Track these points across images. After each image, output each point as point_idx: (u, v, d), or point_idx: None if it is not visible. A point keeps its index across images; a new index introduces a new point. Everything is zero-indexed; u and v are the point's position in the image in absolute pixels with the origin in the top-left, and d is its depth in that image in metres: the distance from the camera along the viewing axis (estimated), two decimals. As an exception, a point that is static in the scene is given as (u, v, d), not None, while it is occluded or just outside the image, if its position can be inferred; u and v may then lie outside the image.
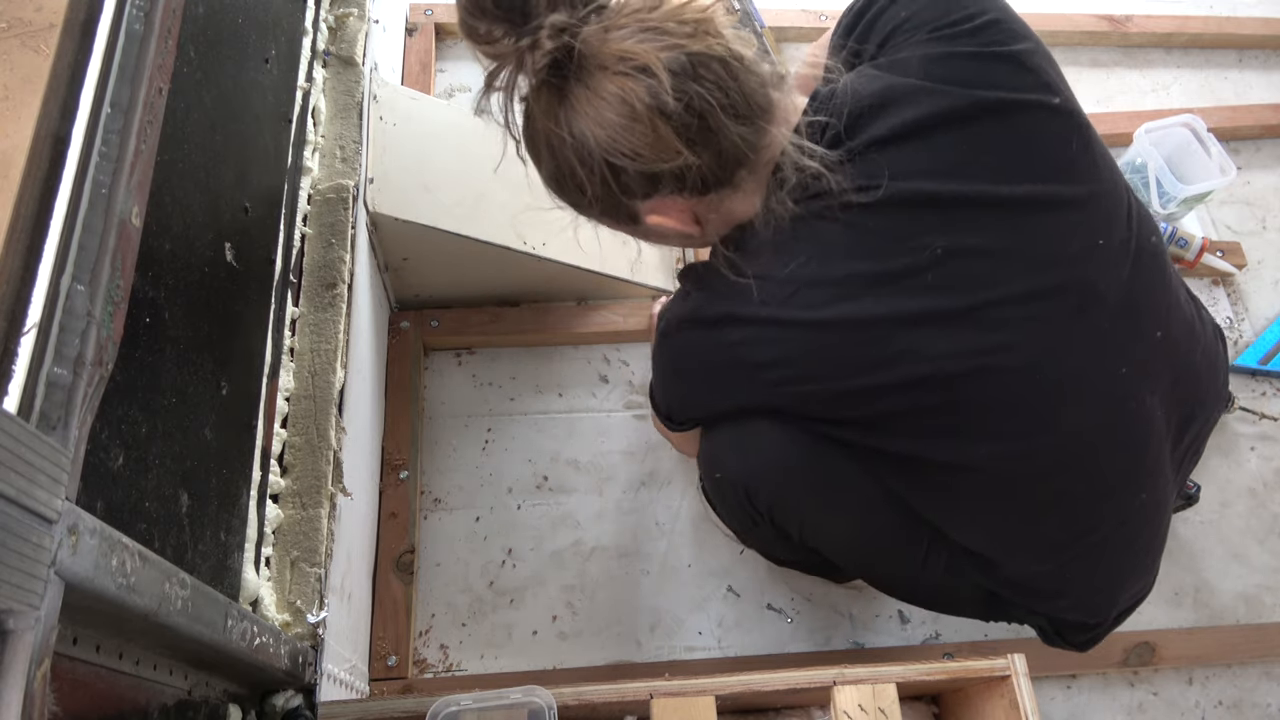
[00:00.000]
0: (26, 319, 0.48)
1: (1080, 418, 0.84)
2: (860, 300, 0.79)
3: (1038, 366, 0.81)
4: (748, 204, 0.85)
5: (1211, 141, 1.56)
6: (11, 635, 0.41)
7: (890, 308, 0.78)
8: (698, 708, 0.92)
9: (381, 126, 1.23)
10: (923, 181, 0.79)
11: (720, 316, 0.84)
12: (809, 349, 0.81)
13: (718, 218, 0.87)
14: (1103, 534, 0.89)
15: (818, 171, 0.80)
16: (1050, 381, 0.82)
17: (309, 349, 0.99)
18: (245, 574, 0.82)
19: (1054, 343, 0.81)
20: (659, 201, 0.83)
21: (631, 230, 0.90)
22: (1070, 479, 0.86)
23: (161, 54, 0.61)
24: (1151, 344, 0.87)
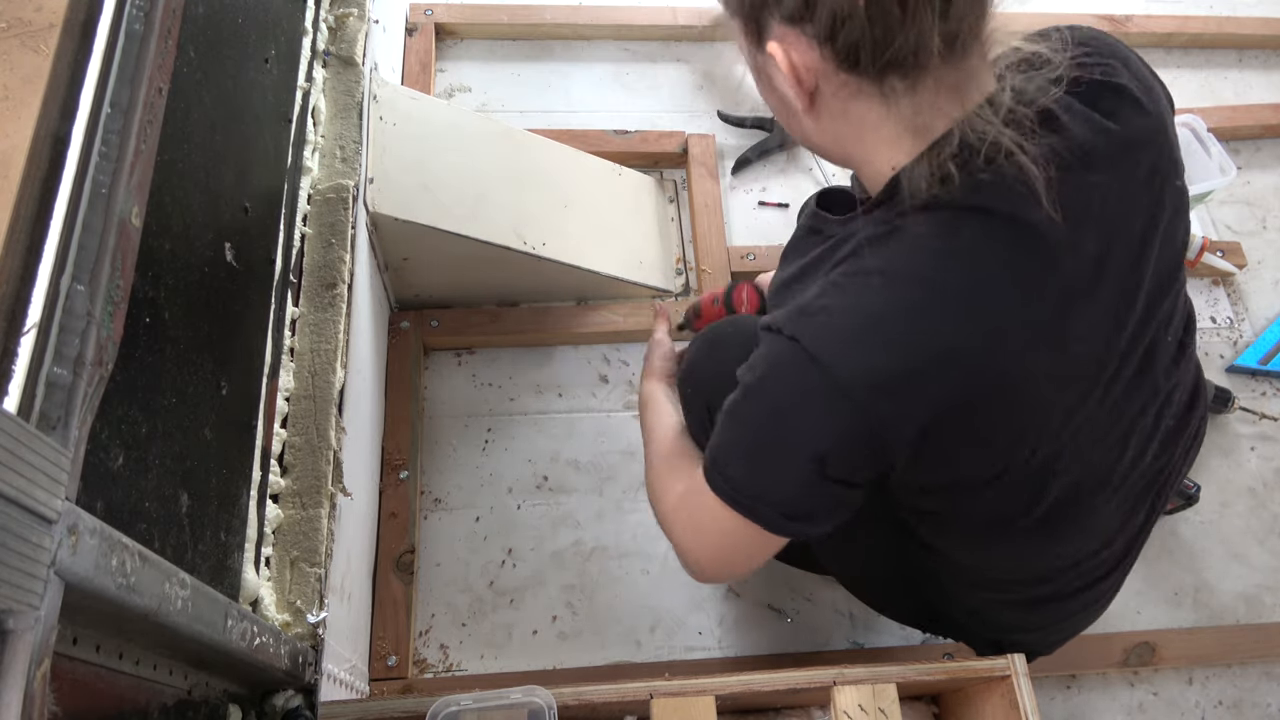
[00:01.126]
0: (26, 319, 0.48)
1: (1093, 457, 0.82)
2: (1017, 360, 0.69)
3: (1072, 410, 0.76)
4: (882, 141, 0.70)
5: (1211, 141, 1.56)
6: (11, 635, 0.41)
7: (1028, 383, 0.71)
8: (698, 708, 0.92)
9: (381, 126, 1.23)
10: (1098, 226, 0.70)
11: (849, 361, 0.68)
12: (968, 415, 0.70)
13: (837, 114, 0.70)
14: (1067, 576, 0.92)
15: (1008, 150, 0.66)
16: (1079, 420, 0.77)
17: (309, 349, 0.99)
18: (245, 574, 0.82)
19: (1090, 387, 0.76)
20: (797, 34, 0.66)
21: (750, 51, 0.73)
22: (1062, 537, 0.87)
23: (161, 54, 0.61)
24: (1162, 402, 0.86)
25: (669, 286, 1.49)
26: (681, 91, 1.70)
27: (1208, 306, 1.59)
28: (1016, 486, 0.79)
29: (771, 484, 0.75)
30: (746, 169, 1.63)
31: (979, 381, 0.68)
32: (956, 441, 0.73)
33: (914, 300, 0.68)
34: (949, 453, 0.74)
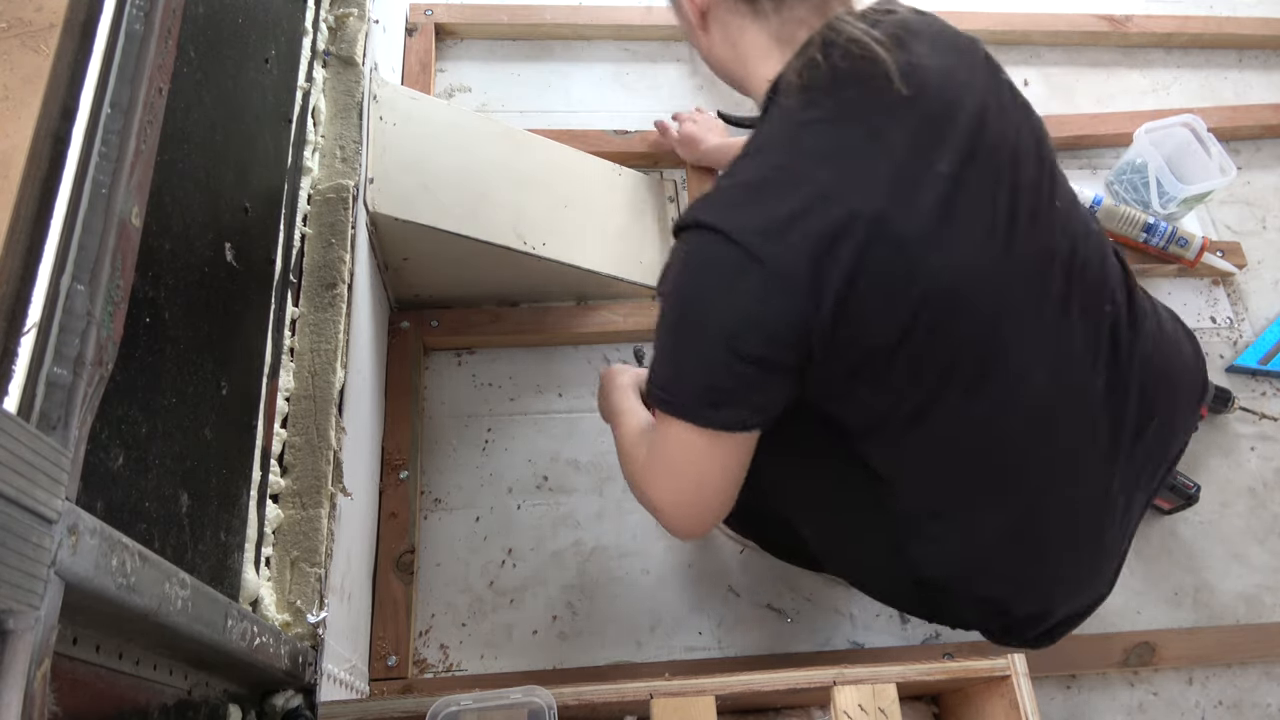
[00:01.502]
0: (26, 319, 0.48)
1: (1035, 376, 0.84)
2: (886, 199, 0.76)
3: (998, 318, 0.81)
4: (759, 55, 0.84)
5: (1211, 141, 1.56)
6: (11, 635, 0.41)
7: (912, 219, 0.76)
8: (698, 708, 0.92)
9: (381, 126, 1.23)
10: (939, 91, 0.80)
11: (750, 223, 0.76)
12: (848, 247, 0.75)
13: (723, 31, 0.85)
14: (1038, 524, 0.90)
15: (866, 47, 0.78)
16: (1011, 336, 0.82)
17: (309, 349, 0.99)
18: (245, 574, 0.82)
19: (1022, 303, 0.81)
20: None
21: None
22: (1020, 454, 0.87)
23: (161, 54, 0.61)
24: (1102, 322, 0.87)
25: (669, 286, 1.49)
26: (681, 91, 1.70)
27: (1208, 306, 1.59)
28: (928, 360, 0.81)
29: (690, 372, 0.82)
30: None
31: (854, 221, 0.75)
32: (853, 291, 0.76)
33: (784, 161, 0.79)
34: (852, 313, 0.77)
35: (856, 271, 0.75)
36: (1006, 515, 0.90)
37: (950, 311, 0.79)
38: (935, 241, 0.77)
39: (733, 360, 0.79)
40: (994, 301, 0.80)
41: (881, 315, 0.78)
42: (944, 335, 0.79)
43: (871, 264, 0.75)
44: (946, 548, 0.93)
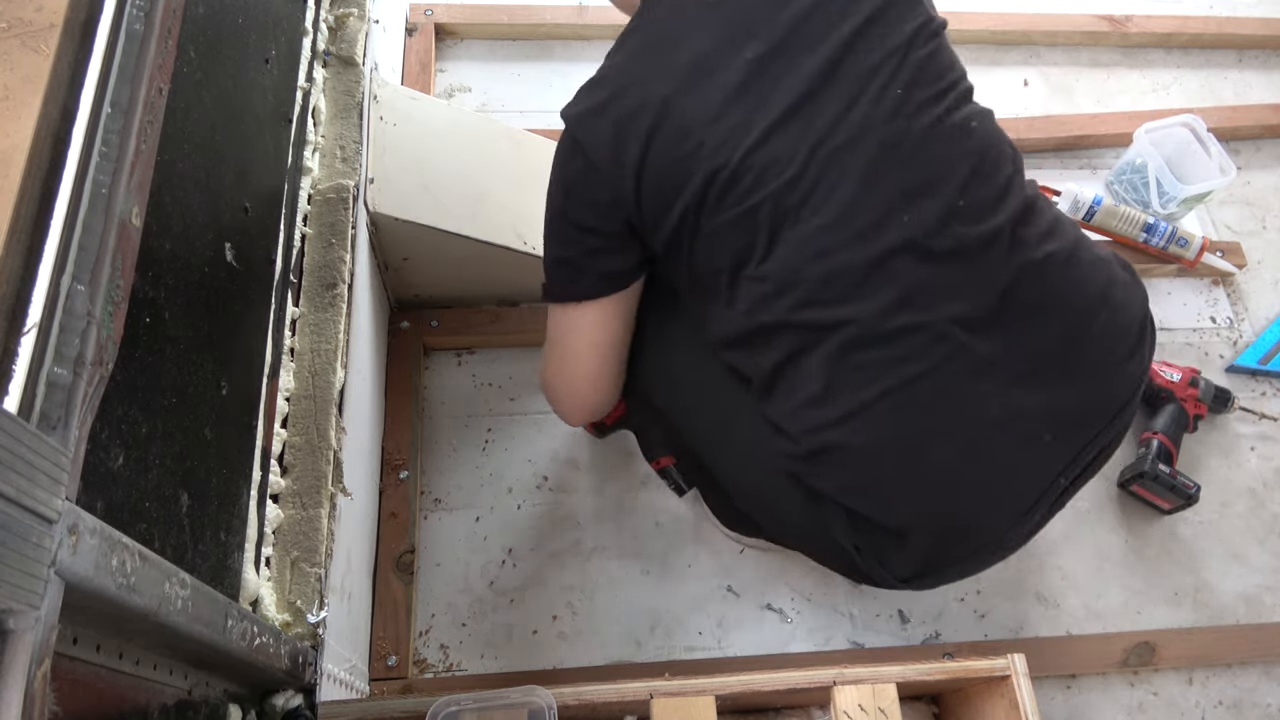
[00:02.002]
0: (26, 319, 0.48)
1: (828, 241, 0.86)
2: (679, 84, 0.86)
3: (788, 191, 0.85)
4: None
5: (1211, 141, 1.56)
6: (11, 635, 0.41)
7: (703, 98, 0.85)
8: (698, 708, 0.92)
9: (381, 126, 1.23)
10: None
11: (583, 110, 0.89)
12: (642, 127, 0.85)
13: None
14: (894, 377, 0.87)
15: None
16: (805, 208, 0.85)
17: (309, 349, 0.99)
18: (245, 574, 0.82)
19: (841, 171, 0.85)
20: None
21: None
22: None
23: (161, 54, 0.61)
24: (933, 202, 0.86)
25: (669, 286, 1.49)
26: (681, 91, 1.70)
27: (1207, 306, 1.59)
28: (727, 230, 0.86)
29: (551, 250, 0.97)
30: None
31: (647, 104, 0.85)
32: (647, 166, 0.86)
33: (617, 56, 0.92)
34: (650, 187, 0.87)
35: (648, 148, 0.85)
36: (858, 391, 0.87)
37: (735, 183, 0.84)
38: (723, 120, 0.84)
39: (571, 231, 0.93)
40: (783, 174, 0.84)
41: (675, 189, 0.86)
42: (733, 207, 0.85)
43: (660, 141, 0.85)
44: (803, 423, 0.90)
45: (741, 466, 1.03)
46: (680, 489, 1.31)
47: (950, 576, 0.99)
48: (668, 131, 0.85)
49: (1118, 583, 1.33)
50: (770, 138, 0.84)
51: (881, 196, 0.85)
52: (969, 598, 1.31)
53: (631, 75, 0.89)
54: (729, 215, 0.85)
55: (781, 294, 0.86)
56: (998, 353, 0.87)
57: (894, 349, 0.86)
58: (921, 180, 0.86)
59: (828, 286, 0.85)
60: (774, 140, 0.84)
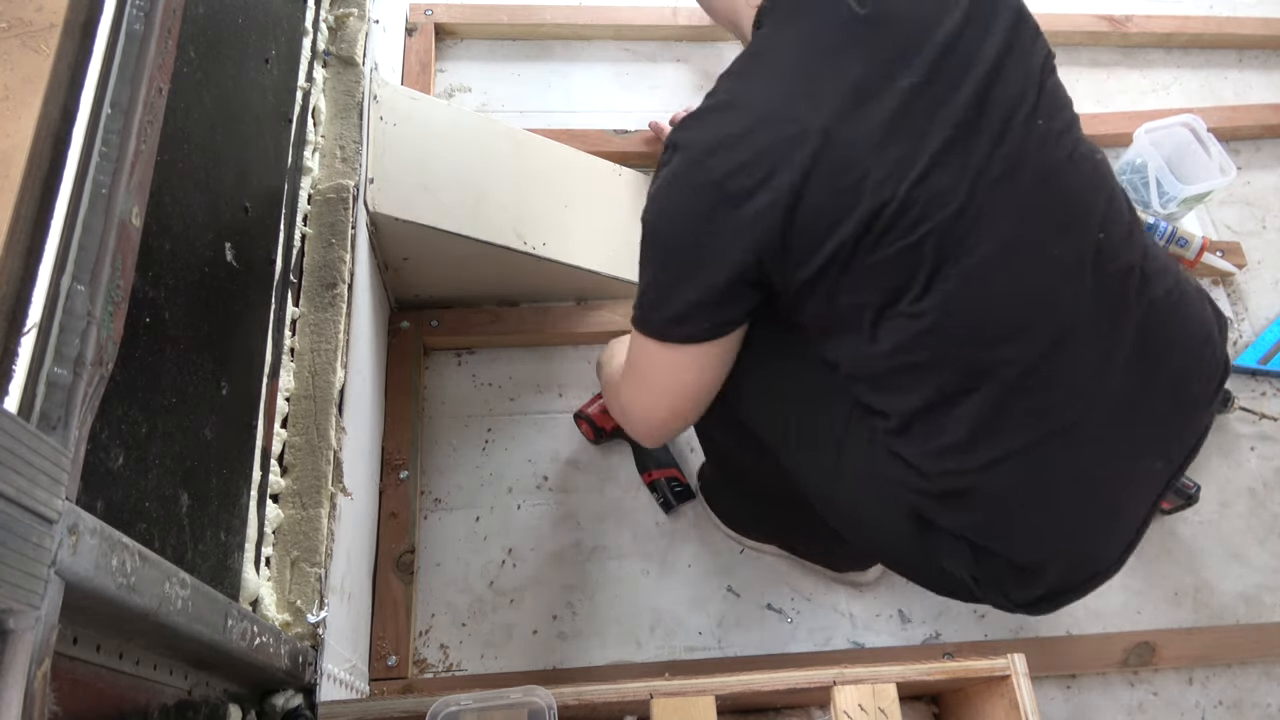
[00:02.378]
0: (26, 319, 0.48)
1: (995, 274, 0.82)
2: (837, 113, 0.79)
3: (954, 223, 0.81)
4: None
5: (1211, 141, 1.56)
6: (12, 635, 0.41)
7: (863, 128, 0.79)
8: (698, 708, 0.92)
9: (381, 126, 1.23)
10: (909, 13, 0.83)
11: (711, 146, 0.82)
12: (797, 164, 0.79)
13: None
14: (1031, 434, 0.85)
15: None
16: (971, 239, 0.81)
17: (309, 349, 0.99)
18: (245, 574, 0.82)
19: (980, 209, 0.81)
20: None
21: None
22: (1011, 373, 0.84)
23: (161, 54, 0.61)
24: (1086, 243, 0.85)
25: (669, 286, 1.49)
26: (681, 91, 1.70)
27: (1208, 306, 1.59)
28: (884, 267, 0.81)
29: (652, 290, 0.89)
30: None
31: (803, 136, 0.79)
32: (801, 203, 0.79)
33: (747, 81, 0.85)
34: (801, 225, 0.80)
35: (806, 181, 0.78)
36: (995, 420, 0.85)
37: (901, 217, 0.79)
38: (887, 152, 0.79)
39: (682, 270, 0.85)
40: (947, 207, 0.80)
41: (832, 224, 0.80)
42: (896, 241, 0.80)
43: (820, 173, 0.78)
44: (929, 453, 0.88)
45: (844, 490, 0.99)
46: (669, 504, 1.31)
47: (1068, 600, 0.97)
48: (829, 163, 0.78)
49: (1118, 582, 1.33)
50: (933, 171, 0.80)
51: (1037, 231, 0.83)
52: (969, 598, 1.31)
53: (773, 101, 0.81)
54: (891, 250, 0.80)
55: (939, 331, 0.83)
56: (1131, 393, 0.88)
57: (1047, 396, 0.85)
58: (1068, 214, 0.85)
59: (989, 325, 0.83)
60: (936, 173, 0.80)
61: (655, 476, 1.32)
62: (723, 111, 0.84)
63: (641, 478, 1.34)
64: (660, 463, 1.33)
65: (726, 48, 1.74)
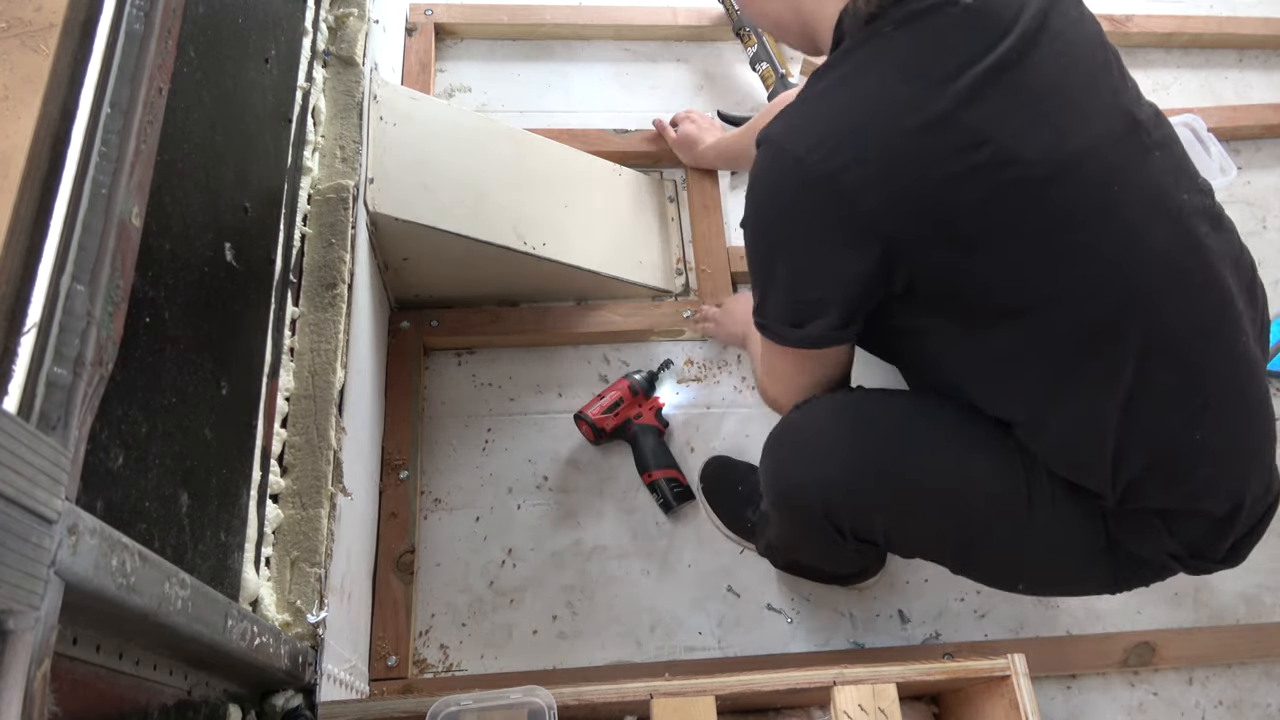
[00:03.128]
0: (26, 319, 0.48)
1: (1157, 237, 0.83)
2: (955, 99, 0.78)
3: (1106, 181, 0.81)
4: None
5: (1211, 141, 1.56)
6: (11, 635, 0.41)
7: (980, 106, 0.78)
8: (698, 708, 0.92)
9: (381, 126, 1.23)
10: None
11: (816, 142, 0.80)
12: (919, 152, 0.78)
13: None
14: (1213, 381, 0.85)
15: None
16: (1121, 195, 0.81)
17: (309, 349, 0.99)
18: (245, 574, 0.82)
19: (1120, 160, 0.82)
20: None
21: None
22: (1165, 307, 0.83)
23: (161, 54, 0.61)
24: (1198, 191, 0.88)
25: (669, 286, 1.49)
26: (681, 91, 1.70)
27: (1208, 306, 1.59)
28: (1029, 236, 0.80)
29: (771, 292, 0.89)
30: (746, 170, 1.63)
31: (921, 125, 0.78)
32: (924, 191, 0.79)
33: (848, 77, 0.83)
34: (928, 214, 0.79)
35: (924, 174, 0.77)
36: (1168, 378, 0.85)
37: (1040, 188, 0.79)
38: (1008, 131, 0.78)
39: (808, 274, 0.84)
40: (1088, 175, 0.80)
41: (960, 210, 0.79)
42: (1036, 212, 0.80)
43: (941, 164, 0.77)
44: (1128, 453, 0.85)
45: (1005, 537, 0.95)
46: (669, 505, 1.31)
47: (1257, 538, 0.96)
48: (949, 151, 0.79)
49: (1118, 583, 1.33)
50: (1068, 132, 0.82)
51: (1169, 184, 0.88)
52: (969, 598, 1.31)
53: (885, 93, 0.82)
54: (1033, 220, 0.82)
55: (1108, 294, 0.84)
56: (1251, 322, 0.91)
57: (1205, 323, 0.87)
58: (1187, 176, 0.93)
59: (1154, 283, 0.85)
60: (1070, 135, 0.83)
61: (655, 477, 1.32)
62: (823, 103, 0.83)
63: (641, 478, 1.34)
64: (660, 463, 1.33)
65: (726, 48, 1.74)
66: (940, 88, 0.78)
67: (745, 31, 1.66)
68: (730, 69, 1.72)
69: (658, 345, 1.46)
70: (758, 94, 1.68)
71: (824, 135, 0.80)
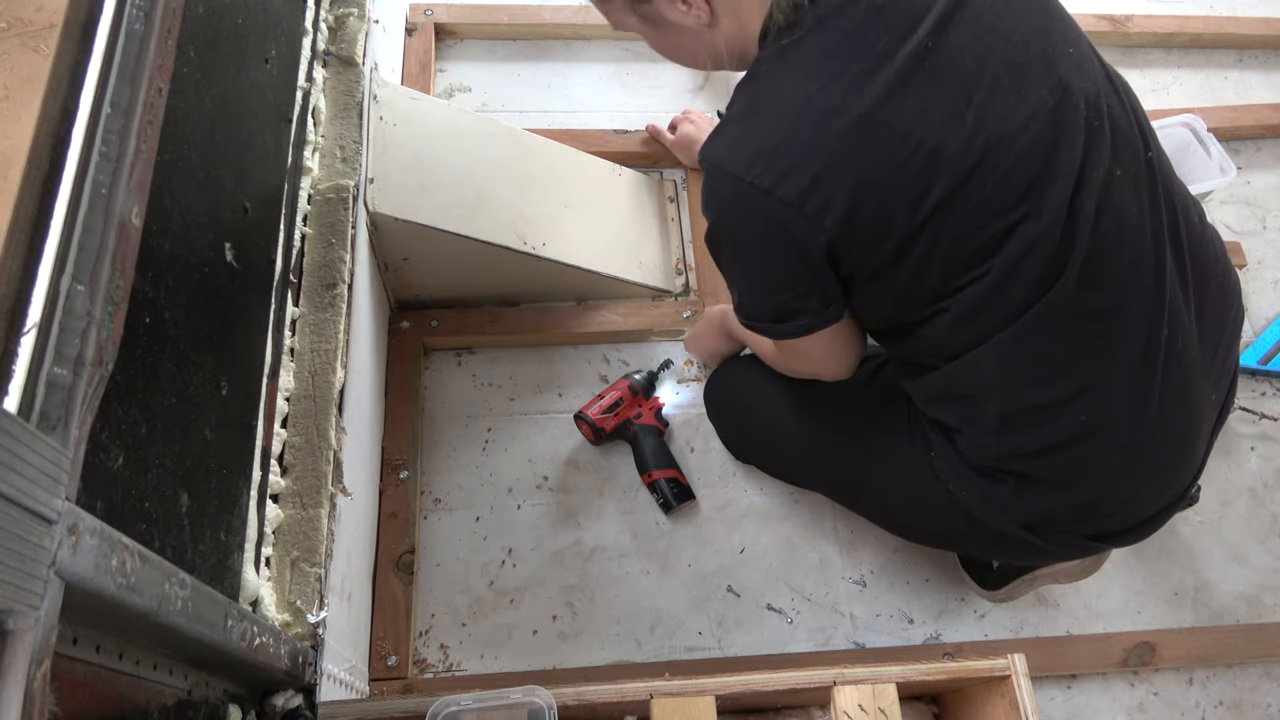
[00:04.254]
0: (26, 319, 0.48)
1: (1083, 205, 0.83)
2: (876, 96, 0.79)
3: (1031, 150, 0.81)
4: (755, 10, 0.86)
5: (1211, 141, 1.56)
6: (11, 635, 0.41)
7: (900, 101, 0.79)
8: (698, 708, 0.92)
9: (381, 126, 1.23)
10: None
11: (750, 159, 0.82)
12: (847, 154, 0.80)
13: (731, 19, 0.87)
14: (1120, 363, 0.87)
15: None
16: (1049, 166, 0.82)
17: (309, 349, 0.99)
18: (245, 574, 0.82)
19: (1048, 131, 0.82)
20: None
21: (639, 17, 0.91)
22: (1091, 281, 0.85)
23: (161, 54, 0.61)
24: (1141, 161, 0.87)
25: (669, 286, 1.49)
26: (681, 91, 1.70)
27: (1208, 306, 1.59)
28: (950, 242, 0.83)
29: (748, 293, 0.96)
30: None
31: (846, 129, 0.79)
32: (859, 193, 0.80)
33: (771, 88, 0.84)
34: (862, 215, 0.81)
35: (858, 178, 0.80)
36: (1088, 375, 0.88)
37: (971, 175, 0.80)
38: (930, 123, 0.79)
39: (770, 284, 0.91)
40: (1011, 159, 0.80)
41: (893, 206, 0.81)
42: (970, 198, 0.81)
43: (871, 165, 0.79)
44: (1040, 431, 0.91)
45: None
46: (669, 504, 1.31)
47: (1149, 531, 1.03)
48: (876, 148, 0.82)
49: (1118, 583, 1.33)
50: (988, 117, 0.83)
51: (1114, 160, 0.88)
52: (969, 597, 1.31)
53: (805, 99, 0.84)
54: (977, 206, 0.84)
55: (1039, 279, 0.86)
56: (1191, 310, 0.92)
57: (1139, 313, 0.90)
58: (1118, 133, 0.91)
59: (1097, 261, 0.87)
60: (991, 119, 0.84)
61: (655, 477, 1.32)
62: (752, 119, 0.85)
63: (641, 478, 1.34)
64: (660, 463, 1.33)
65: (726, 48, 1.74)
66: (858, 85, 0.79)
67: (745, 31, 1.66)
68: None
69: (658, 345, 1.46)
70: (757, 94, 1.68)
71: (755, 152, 0.82)
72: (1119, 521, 1.00)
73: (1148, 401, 0.89)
